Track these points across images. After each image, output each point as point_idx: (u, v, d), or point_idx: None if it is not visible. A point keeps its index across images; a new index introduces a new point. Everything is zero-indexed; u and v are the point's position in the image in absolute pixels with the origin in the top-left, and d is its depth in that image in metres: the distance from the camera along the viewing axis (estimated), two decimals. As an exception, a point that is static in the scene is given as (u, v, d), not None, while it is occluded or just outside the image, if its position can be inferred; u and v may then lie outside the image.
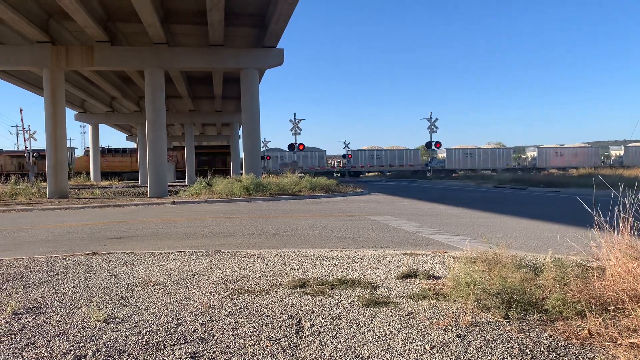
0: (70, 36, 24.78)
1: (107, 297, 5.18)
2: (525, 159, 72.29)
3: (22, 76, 32.60)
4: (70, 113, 47.94)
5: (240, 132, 41.30)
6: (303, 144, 43.90)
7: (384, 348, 3.68)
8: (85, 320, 4.42)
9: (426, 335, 3.91)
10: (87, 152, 56.97)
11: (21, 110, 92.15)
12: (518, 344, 3.69)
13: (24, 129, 50.55)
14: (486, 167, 63.43)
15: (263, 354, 3.62)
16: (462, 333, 3.93)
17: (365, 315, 4.43)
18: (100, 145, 52.25)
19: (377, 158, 63.65)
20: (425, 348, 3.66)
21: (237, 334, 4.01)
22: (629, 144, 69.53)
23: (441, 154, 68.45)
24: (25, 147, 47.69)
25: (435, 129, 46.53)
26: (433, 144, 48.05)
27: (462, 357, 3.49)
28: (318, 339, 3.89)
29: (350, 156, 63.73)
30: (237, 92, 31.00)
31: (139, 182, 46.31)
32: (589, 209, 5.05)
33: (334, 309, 4.64)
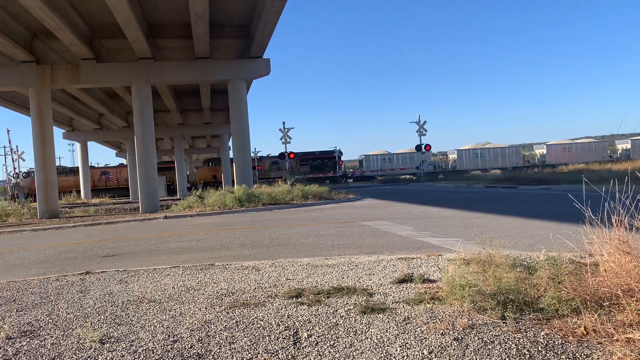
0: (55, 55, 24.69)
1: (102, 317, 5.13)
2: (616, 151, 70.51)
3: (8, 97, 32.41)
4: (58, 131, 47.68)
5: (230, 143, 41.29)
6: (294, 153, 43.91)
7: (382, 355, 3.67)
8: (81, 341, 4.37)
9: (424, 340, 3.90)
10: (207, 161, 58.16)
11: (8, 131, 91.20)
12: (515, 345, 3.70)
13: (12, 149, 50.09)
14: (585, 160, 62.64)
15: (261, 367, 3.59)
16: (459, 336, 3.93)
17: (362, 323, 4.41)
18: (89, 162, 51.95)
19: (482, 157, 63.95)
20: (424, 353, 3.66)
21: (234, 348, 3.99)
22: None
23: (540, 150, 67.97)
24: (14, 168, 47.34)
25: (424, 132, 46.68)
26: (422, 146, 48.20)
27: (460, 361, 3.49)
28: (316, 349, 3.88)
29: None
30: (225, 104, 31.02)
31: (129, 197, 46.07)
32: (580, 205, 5.08)
33: (331, 317, 4.63)
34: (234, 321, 4.70)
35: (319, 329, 4.33)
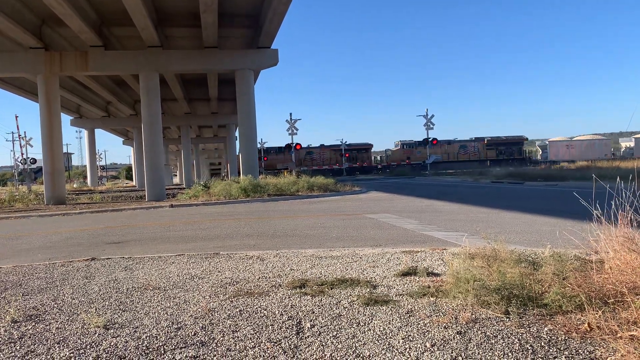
0: (64, 42, 24.72)
1: (107, 303, 5.17)
2: None
3: (17, 83, 32.53)
4: (66, 118, 47.88)
5: (237, 134, 41.32)
6: (300, 144, 43.94)
7: (385, 347, 3.68)
8: (85, 326, 4.41)
9: (426, 333, 3.90)
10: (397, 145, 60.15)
11: (17, 117, 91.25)
12: (518, 340, 3.69)
13: (20, 135, 50.35)
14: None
15: (264, 356, 3.61)
16: (462, 330, 3.93)
17: (365, 315, 4.42)
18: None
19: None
20: (426, 346, 3.66)
21: (238, 337, 4.01)
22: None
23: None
24: (22, 154, 47.61)
25: (431, 126, 46.47)
26: (430, 140, 48.05)
27: (462, 354, 3.49)
28: (318, 339, 3.89)
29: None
30: (232, 94, 31.00)
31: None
32: (586, 203, 5.05)
33: (334, 308, 4.64)
34: (237, 310, 4.72)
35: (322, 319, 4.34)
